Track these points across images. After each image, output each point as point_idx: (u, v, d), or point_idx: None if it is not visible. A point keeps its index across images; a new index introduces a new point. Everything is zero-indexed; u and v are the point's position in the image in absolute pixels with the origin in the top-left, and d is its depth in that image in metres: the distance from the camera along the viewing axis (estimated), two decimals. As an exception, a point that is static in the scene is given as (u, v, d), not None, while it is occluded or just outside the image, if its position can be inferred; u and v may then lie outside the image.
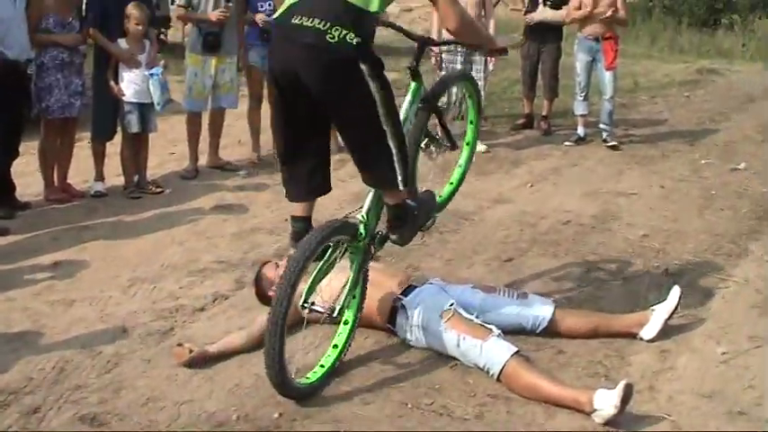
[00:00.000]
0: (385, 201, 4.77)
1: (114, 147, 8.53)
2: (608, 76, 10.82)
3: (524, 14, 11.75)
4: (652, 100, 15.22)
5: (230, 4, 8.85)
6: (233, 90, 9.25)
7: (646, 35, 23.73)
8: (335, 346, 4.83)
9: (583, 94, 11.12)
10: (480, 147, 10.40)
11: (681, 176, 9.62)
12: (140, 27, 8.15)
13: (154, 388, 4.65)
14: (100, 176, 8.40)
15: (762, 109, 14.79)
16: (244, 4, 9.27)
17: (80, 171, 8.59)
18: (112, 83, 8.08)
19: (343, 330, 4.87)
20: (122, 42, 8.12)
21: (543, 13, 11.42)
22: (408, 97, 5.03)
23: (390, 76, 4.52)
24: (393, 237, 4.97)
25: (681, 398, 4.69)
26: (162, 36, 16.84)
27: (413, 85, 5.03)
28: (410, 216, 4.89)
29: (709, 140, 11.83)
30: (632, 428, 4.37)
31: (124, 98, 8.09)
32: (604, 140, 11.06)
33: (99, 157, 8.40)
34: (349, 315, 4.86)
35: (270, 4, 9.18)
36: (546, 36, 11.51)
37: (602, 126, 11.15)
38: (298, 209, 4.97)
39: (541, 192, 8.80)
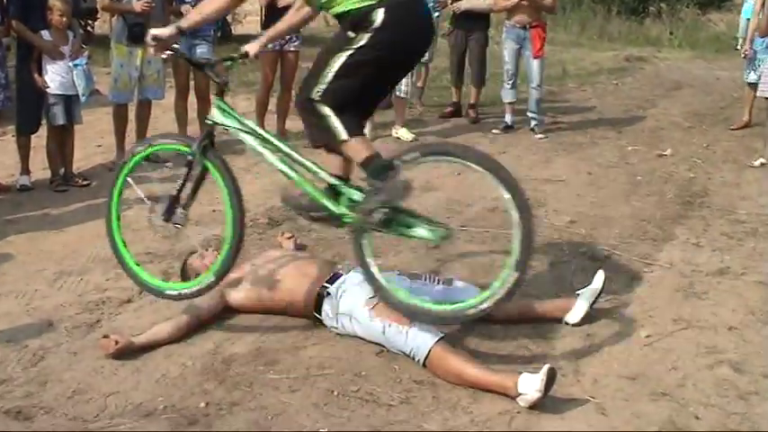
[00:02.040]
0: None
1: (40, 140, 8.43)
2: (535, 63, 10.89)
3: (451, 3, 11.79)
4: (581, 87, 15.39)
5: None
6: (159, 81, 9.19)
7: (576, 23, 23.95)
8: None
9: (510, 82, 11.20)
10: (408, 135, 10.45)
11: (608, 163, 9.73)
12: (64, 18, 8.07)
13: (80, 380, 4.62)
14: (25, 170, 8.30)
15: (688, 96, 15.03)
16: None
17: (5, 165, 8.50)
18: (36, 75, 7.99)
19: None
20: (46, 34, 8.02)
21: (470, 2, 11.49)
22: None
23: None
24: None
25: (605, 380, 4.74)
26: (89, 28, 16.67)
27: None
28: None
29: (636, 127, 12.00)
30: (557, 411, 4.41)
31: (48, 90, 8.01)
32: (532, 129, 11.15)
33: (24, 150, 8.29)
34: None
35: None
36: (473, 24, 11.58)
37: (529, 114, 11.24)
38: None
39: (468, 179, 8.81)
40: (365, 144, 4.88)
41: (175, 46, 5.33)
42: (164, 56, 5.44)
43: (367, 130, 10.27)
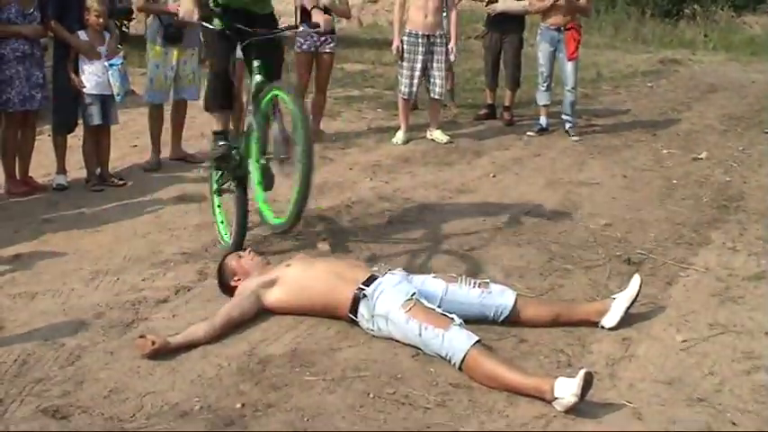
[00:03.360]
0: None
1: (76, 139, 8.49)
2: (570, 66, 10.87)
3: (486, 5, 11.77)
4: (615, 90, 15.32)
5: None
6: (195, 82, 9.20)
7: (609, 25, 23.86)
8: None
9: (545, 85, 11.17)
10: (443, 137, 10.45)
11: (643, 166, 9.68)
12: (100, 19, 8.11)
13: (116, 380, 4.62)
14: (62, 169, 8.34)
15: (723, 99, 14.93)
16: None
17: (42, 164, 8.53)
18: (73, 75, 8.04)
19: None
20: (82, 34, 8.08)
21: (505, 3, 11.46)
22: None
23: (355, 67, 4.56)
24: None
25: (641, 385, 4.72)
26: (124, 28, 16.80)
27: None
28: None
29: (671, 130, 11.93)
30: (593, 416, 4.39)
31: (85, 90, 8.05)
32: (566, 132, 11.11)
33: (60, 149, 8.34)
34: None
35: None
36: (508, 26, 11.54)
37: (564, 117, 11.22)
38: None
39: (504, 182, 8.84)
40: None
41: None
42: None
43: (401, 133, 10.39)
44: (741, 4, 26.93)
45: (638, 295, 5.40)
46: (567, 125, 11.19)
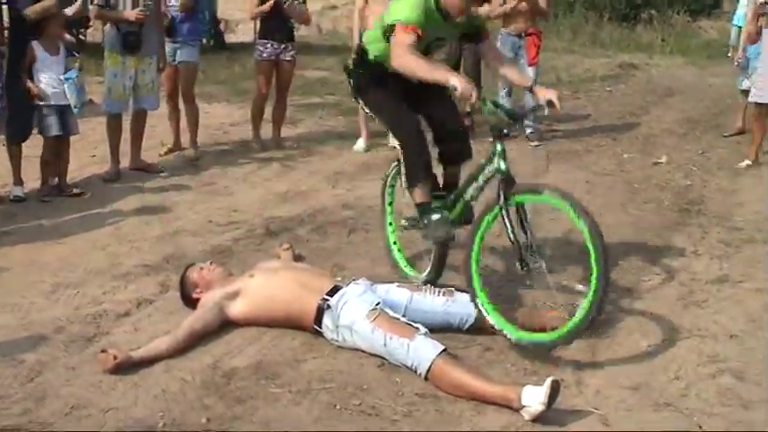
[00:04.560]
0: None
1: (35, 150, 8.36)
2: (531, 71, 10.86)
3: (446, 12, 11.76)
4: (574, 95, 15.36)
5: (149, 3, 8.74)
6: (154, 91, 9.13)
7: (567, 29, 23.96)
8: None
9: (505, 90, 11.19)
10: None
11: (604, 171, 9.71)
12: (58, 28, 8.04)
13: (78, 396, 4.56)
14: (18, 180, 8.21)
15: (681, 103, 15.02)
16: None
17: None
18: (30, 84, 7.93)
19: None
20: (36, 45, 7.97)
21: (465, 10, 11.43)
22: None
23: (316, 74, 4.52)
24: None
25: (608, 391, 4.72)
26: (81, 36, 16.64)
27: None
28: None
29: (631, 134, 11.98)
30: (561, 423, 4.38)
31: (41, 101, 7.95)
32: (527, 137, 11.14)
33: (15, 159, 8.20)
34: None
35: (175, 0, 9.26)
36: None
37: (525, 122, 11.22)
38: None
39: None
40: None
41: None
42: None
43: (362, 140, 10.35)
44: (697, 9, 27.12)
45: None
46: (528, 130, 11.20)
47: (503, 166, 5.32)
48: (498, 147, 5.39)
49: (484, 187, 5.67)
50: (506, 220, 5.17)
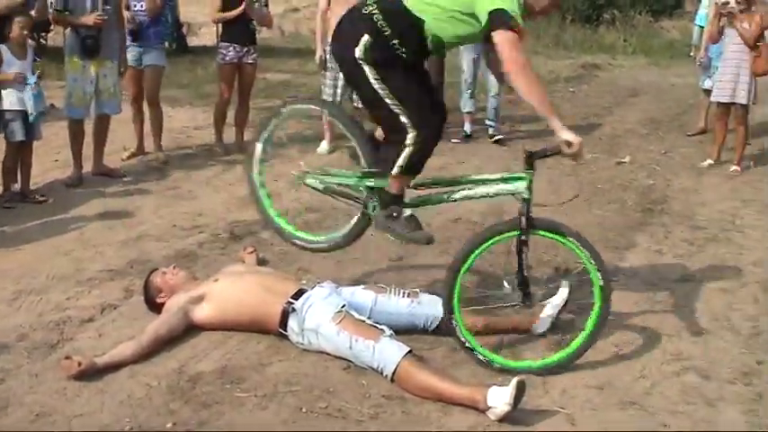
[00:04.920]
0: None
1: (-1, 155, 8.31)
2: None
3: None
4: (538, 96, 15.37)
5: (108, 8, 8.70)
6: (115, 96, 9.07)
7: (531, 31, 23.99)
8: None
9: (469, 92, 11.27)
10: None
11: (568, 171, 9.73)
12: (25, 31, 7.98)
13: (43, 403, 4.53)
14: (-21, 185, 8.15)
15: (644, 103, 15.13)
16: (125, 3, 9.31)
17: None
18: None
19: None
20: (3, 48, 7.91)
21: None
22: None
23: (278, 77, 4.50)
24: None
25: (573, 391, 4.76)
26: (42, 41, 16.53)
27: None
28: None
29: (594, 135, 12.02)
30: (527, 423, 4.41)
31: (5, 106, 7.87)
32: (490, 136, 11.18)
33: (-24, 164, 8.14)
34: None
35: (142, 5, 9.22)
36: None
37: (487, 122, 11.29)
38: None
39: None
40: None
41: None
42: None
43: (326, 142, 10.33)
44: (658, 9, 27.29)
45: (567, 301, 5.42)
46: (491, 130, 11.25)
47: (528, 193, 4.95)
48: (529, 172, 4.96)
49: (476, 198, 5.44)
50: (524, 248, 5.01)
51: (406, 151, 4.98)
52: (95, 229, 7.49)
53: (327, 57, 10.12)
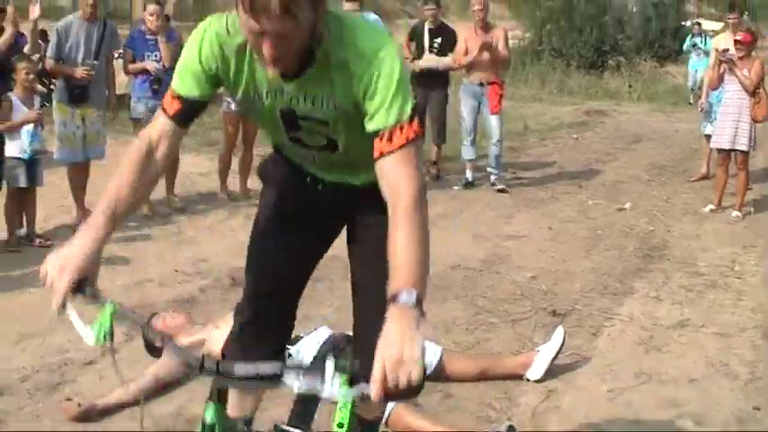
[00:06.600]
0: None
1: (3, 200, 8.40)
2: (494, 120, 11.00)
3: (411, 61, 11.81)
4: (542, 142, 15.49)
5: (95, 62, 8.91)
6: (100, 142, 9.23)
7: (536, 78, 24.14)
8: None
9: (470, 139, 11.31)
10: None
11: (569, 218, 9.80)
12: (31, 75, 8.12)
13: (43, 445, 4.59)
14: (-14, 230, 8.25)
15: (648, 149, 15.19)
16: (130, 56, 9.64)
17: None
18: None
19: None
20: (13, 97, 8.03)
21: (429, 61, 11.51)
22: None
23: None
24: None
25: (567, 437, 4.79)
26: (52, 87, 16.67)
27: None
28: None
29: (597, 181, 12.10)
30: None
31: (10, 153, 8.00)
32: (492, 184, 11.24)
33: (-16, 210, 8.25)
34: None
35: (156, 55, 9.31)
36: (433, 83, 11.50)
37: (489, 170, 11.33)
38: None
39: (431, 237, 8.85)
40: None
41: None
42: None
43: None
44: (663, 55, 27.46)
45: (562, 347, 5.46)
46: (493, 177, 11.30)
47: None
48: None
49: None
50: None
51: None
52: (99, 272, 7.53)
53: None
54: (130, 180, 2.86)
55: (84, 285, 2.73)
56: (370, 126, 2.74)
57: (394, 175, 2.67)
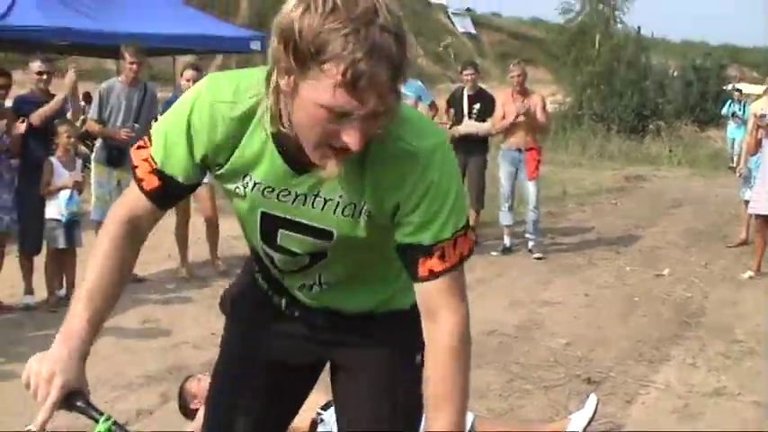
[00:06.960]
0: None
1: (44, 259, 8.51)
2: (531, 186, 11.02)
3: (450, 128, 11.84)
4: (580, 207, 15.49)
5: (137, 125, 9.06)
6: None
7: (576, 143, 24.20)
8: None
9: (507, 205, 11.32)
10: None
11: (605, 284, 9.78)
12: (71, 138, 8.26)
13: None
14: (29, 290, 8.37)
15: (687, 214, 15.15)
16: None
17: (8, 284, 8.54)
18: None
19: None
20: (55, 161, 8.17)
21: (468, 127, 11.56)
22: None
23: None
24: None
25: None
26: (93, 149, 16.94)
27: None
28: None
29: (635, 247, 12.07)
30: None
31: (50, 215, 8.17)
32: (530, 251, 11.23)
33: (27, 270, 8.38)
34: None
35: None
36: (472, 148, 11.52)
37: (527, 236, 11.33)
38: None
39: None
40: None
41: None
42: None
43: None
44: (705, 119, 27.46)
45: (594, 414, 5.43)
46: (531, 244, 11.30)
47: None
48: None
49: None
50: None
51: None
52: (135, 333, 7.61)
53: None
54: (109, 282, 2.44)
55: (74, 399, 2.43)
56: (412, 238, 2.29)
57: (442, 302, 2.28)
